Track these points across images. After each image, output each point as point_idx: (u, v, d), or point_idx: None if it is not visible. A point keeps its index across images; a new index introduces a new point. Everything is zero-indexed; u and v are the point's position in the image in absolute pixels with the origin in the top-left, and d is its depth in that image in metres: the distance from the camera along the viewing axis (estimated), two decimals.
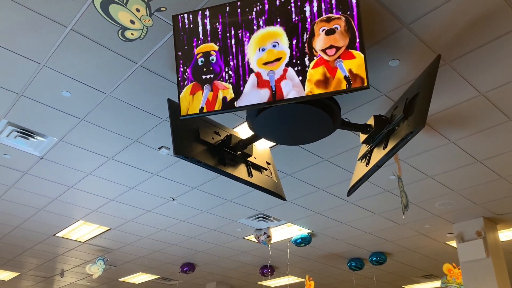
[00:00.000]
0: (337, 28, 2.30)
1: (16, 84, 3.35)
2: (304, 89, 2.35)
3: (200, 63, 2.47)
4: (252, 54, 2.40)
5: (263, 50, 2.38)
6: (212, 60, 2.45)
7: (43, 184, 4.98)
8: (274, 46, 2.37)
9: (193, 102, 2.51)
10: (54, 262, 8.11)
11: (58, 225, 6.22)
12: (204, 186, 4.92)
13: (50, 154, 4.34)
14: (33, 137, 4.03)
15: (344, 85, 2.31)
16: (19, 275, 9.17)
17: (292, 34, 2.34)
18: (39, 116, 3.73)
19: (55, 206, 5.57)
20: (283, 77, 2.38)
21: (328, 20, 2.30)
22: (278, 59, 2.37)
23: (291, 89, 2.37)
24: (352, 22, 2.28)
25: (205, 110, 2.50)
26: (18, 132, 3.95)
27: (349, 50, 2.29)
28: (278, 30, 2.35)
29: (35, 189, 5.12)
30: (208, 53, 2.45)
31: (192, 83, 2.51)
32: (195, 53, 2.46)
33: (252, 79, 2.42)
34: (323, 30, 2.31)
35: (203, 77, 2.48)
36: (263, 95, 2.40)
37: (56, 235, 6.63)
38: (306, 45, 2.33)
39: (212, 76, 2.46)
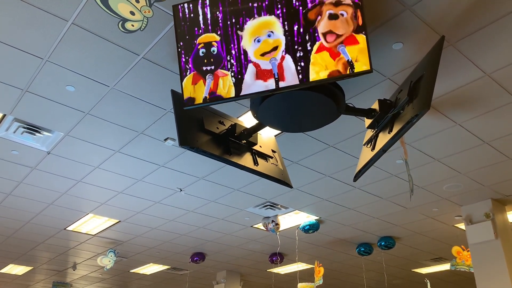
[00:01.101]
0: (343, 15, 2.27)
1: (20, 80, 3.37)
2: (306, 75, 2.34)
3: (201, 54, 2.46)
4: (248, 45, 2.38)
5: (258, 41, 2.37)
6: (213, 51, 2.44)
7: (51, 178, 5.02)
8: (269, 35, 2.36)
9: (195, 92, 2.51)
10: (66, 255, 8.22)
11: (68, 219, 6.29)
12: (211, 176, 4.94)
13: (57, 148, 4.37)
14: (39, 132, 4.06)
15: (347, 70, 2.30)
16: (33, 269, 9.30)
17: (293, 20, 2.32)
18: (45, 111, 3.76)
19: (64, 200, 5.63)
20: (282, 64, 2.37)
21: (337, 4, 2.28)
22: (275, 48, 2.36)
23: (292, 75, 2.36)
24: (359, 11, 2.25)
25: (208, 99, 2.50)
26: (24, 128, 3.97)
27: (353, 34, 2.27)
28: (270, 19, 2.33)
29: (44, 184, 5.17)
30: (210, 43, 2.44)
31: (193, 72, 2.51)
32: (197, 43, 2.45)
33: (251, 68, 2.41)
34: (328, 13, 2.28)
35: (204, 68, 2.48)
36: (265, 83, 2.39)
37: (67, 228, 6.70)
38: (309, 28, 2.31)
39: (213, 67, 2.46)
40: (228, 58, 2.44)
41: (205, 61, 2.46)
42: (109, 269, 7.61)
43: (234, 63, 2.43)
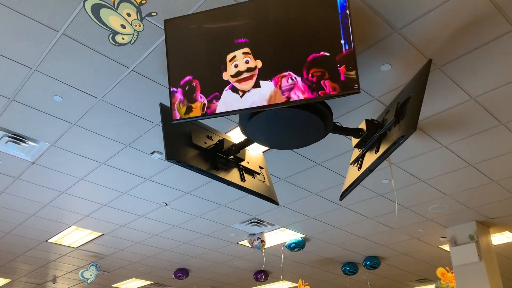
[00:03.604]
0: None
1: (7, 89, 3.33)
2: (296, 94, 2.36)
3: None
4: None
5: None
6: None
7: (34, 189, 4.94)
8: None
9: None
10: (46, 268, 8.04)
11: (50, 230, 6.17)
12: (197, 191, 4.91)
13: (42, 159, 4.31)
14: (24, 142, 4.00)
15: (335, 90, 2.31)
16: (11, 282, 9.07)
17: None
18: (31, 121, 3.71)
19: (47, 211, 5.53)
20: (277, 82, 2.38)
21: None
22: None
23: (282, 93, 2.37)
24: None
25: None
26: (9, 137, 3.92)
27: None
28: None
29: (27, 194, 5.08)
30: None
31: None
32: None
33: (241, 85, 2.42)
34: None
35: (193, 96, 2.50)
36: (255, 100, 2.40)
37: (48, 241, 6.57)
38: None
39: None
40: (215, 77, 2.44)
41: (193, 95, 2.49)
42: (90, 283, 7.45)
43: (219, 81, 2.44)
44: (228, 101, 2.43)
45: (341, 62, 2.28)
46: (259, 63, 2.37)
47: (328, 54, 2.30)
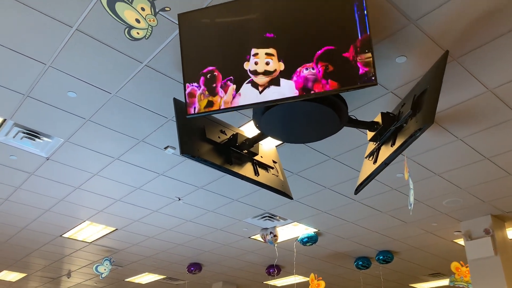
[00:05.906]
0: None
1: (22, 85, 3.36)
2: (312, 87, 2.33)
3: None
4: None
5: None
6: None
7: (49, 185, 4.99)
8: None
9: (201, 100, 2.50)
10: (61, 262, 8.14)
11: (65, 225, 6.24)
12: (210, 186, 4.91)
13: (56, 155, 4.34)
14: (39, 138, 4.03)
15: (352, 82, 2.29)
16: (26, 276, 9.20)
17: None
18: (45, 117, 3.74)
19: (61, 207, 5.58)
20: (296, 76, 2.36)
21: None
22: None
23: (299, 86, 2.35)
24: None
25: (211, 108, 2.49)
26: (24, 133, 3.95)
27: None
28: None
29: (42, 190, 5.13)
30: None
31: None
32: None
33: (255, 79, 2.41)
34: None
35: (213, 85, 2.48)
36: (274, 97, 2.38)
37: (63, 235, 6.64)
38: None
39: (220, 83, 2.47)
40: (233, 71, 2.42)
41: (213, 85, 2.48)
42: (104, 277, 7.53)
43: (238, 75, 2.42)
44: (247, 95, 2.41)
45: (358, 54, 2.25)
46: (281, 66, 2.35)
47: (345, 46, 2.27)
